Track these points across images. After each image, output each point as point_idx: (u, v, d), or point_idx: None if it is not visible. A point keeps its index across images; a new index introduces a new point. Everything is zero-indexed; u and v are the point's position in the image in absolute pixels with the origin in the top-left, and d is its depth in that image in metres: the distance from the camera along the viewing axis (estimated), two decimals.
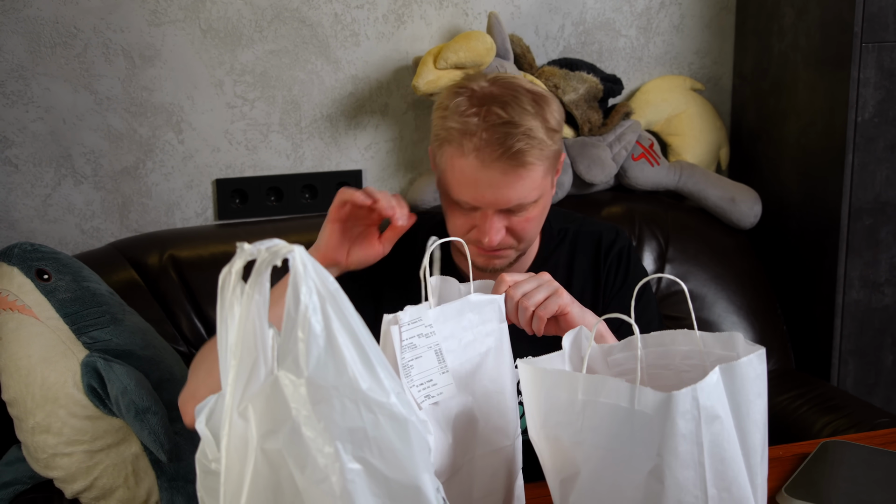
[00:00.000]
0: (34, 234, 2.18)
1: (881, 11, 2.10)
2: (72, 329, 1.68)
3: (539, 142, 1.36)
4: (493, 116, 1.34)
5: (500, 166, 1.34)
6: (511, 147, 1.33)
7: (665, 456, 0.94)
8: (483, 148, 1.34)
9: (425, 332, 1.10)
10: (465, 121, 1.35)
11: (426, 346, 1.10)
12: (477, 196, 1.37)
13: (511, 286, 1.27)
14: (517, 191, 1.37)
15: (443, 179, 1.43)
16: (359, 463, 0.82)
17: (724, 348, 1.10)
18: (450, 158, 1.39)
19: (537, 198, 1.41)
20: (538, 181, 1.39)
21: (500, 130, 1.34)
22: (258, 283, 0.82)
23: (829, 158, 2.23)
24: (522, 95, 1.37)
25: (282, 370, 0.81)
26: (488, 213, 1.39)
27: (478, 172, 1.35)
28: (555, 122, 1.40)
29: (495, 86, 1.39)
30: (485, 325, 1.17)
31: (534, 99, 1.38)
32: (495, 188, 1.36)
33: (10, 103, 2.12)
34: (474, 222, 1.42)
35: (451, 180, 1.40)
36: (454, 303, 1.14)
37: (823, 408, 2.07)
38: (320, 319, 0.81)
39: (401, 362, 1.07)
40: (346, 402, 0.81)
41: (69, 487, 1.68)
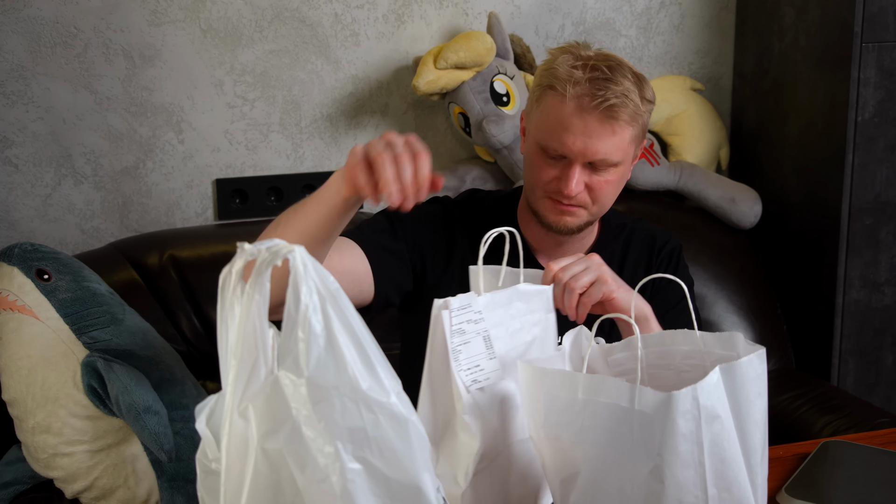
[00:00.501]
0: (34, 234, 2.18)
1: (881, 11, 2.10)
2: (72, 329, 1.68)
3: (634, 105, 1.45)
4: (597, 72, 1.44)
5: (596, 115, 1.43)
6: (608, 100, 1.42)
7: (665, 456, 0.94)
8: (583, 96, 1.43)
9: (474, 319, 1.12)
10: (571, 71, 1.45)
11: (474, 332, 1.12)
12: (568, 141, 1.45)
13: (559, 269, 1.30)
14: (606, 144, 1.45)
15: (536, 127, 1.50)
16: (359, 463, 0.82)
17: (725, 348, 1.10)
18: (550, 104, 1.47)
19: (620, 160, 1.48)
20: (625, 143, 1.47)
21: (602, 84, 1.43)
22: (258, 282, 0.82)
23: (829, 158, 2.23)
24: (625, 66, 1.48)
25: (282, 370, 0.81)
26: (574, 164, 1.46)
27: (574, 118, 1.44)
28: (650, 96, 1.50)
29: (600, 54, 1.50)
30: (532, 315, 1.19)
31: (633, 72, 1.49)
32: (586, 136, 1.44)
33: (11, 103, 2.12)
34: (558, 173, 1.48)
35: (545, 126, 1.47)
36: (504, 291, 1.17)
37: (824, 408, 2.07)
38: (320, 319, 0.81)
39: (450, 346, 1.09)
40: (346, 401, 0.82)
41: (69, 487, 1.68)
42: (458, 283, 1.58)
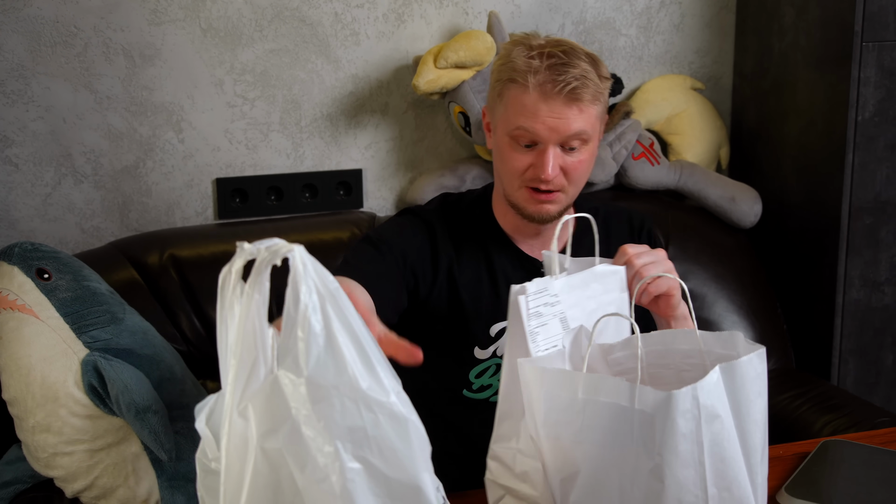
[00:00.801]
0: (34, 233, 2.18)
1: (881, 10, 2.10)
2: (72, 328, 1.68)
3: (594, 84, 1.51)
4: (553, 59, 1.49)
5: (561, 100, 1.49)
6: (569, 83, 1.48)
7: (665, 455, 0.94)
8: (545, 83, 1.48)
9: (550, 301, 1.17)
10: (529, 61, 1.50)
11: (551, 315, 1.16)
12: (538, 126, 1.49)
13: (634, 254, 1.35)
14: (574, 122, 1.50)
15: (503, 118, 1.55)
16: (359, 462, 0.82)
17: (725, 347, 1.10)
18: (513, 96, 1.52)
19: (588, 138, 1.53)
20: (591, 120, 1.52)
21: (561, 69, 1.48)
22: (258, 282, 0.82)
23: (829, 158, 2.23)
24: (577, 49, 1.53)
25: (281, 369, 0.81)
26: (546, 148, 1.51)
27: (539, 103, 1.49)
28: (606, 73, 1.55)
29: (551, 41, 1.55)
30: (608, 294, 1.26)
31: (586, 53, 1.54)
32: (555, 118, 1.49)
33: (11, 102, 2.12)
34: (532, 160, 1.52)
35: (513, 115, 1.52)
36: (579, 274, 1.23)
37: (823, 407, 2.07)
38: (320, 319, 0.81)
39: (527, 329, 1.14)
40: (345, 401, 0.82)
41: (69, 486, 1.68)
42: (448, 290, 1.59)
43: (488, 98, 1.60)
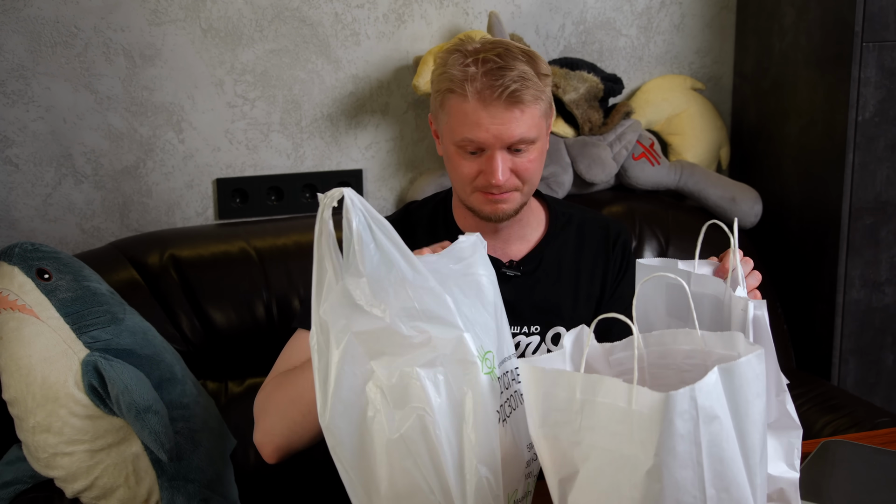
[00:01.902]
0: (35, 233, 2.19)
1: (882, 11, 2.10)
2: (72, 328, 1.68)
3: (533, 83, 1.48)
4: (488, 63, 1.47)
5: (500, 104, 1.46)
6: (508, 87, 1.45)
7: (663, 456, 0.94)
8: (483, 90, 1.46)
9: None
10: (464, 69, 1.48)
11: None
12: (482, 134, 1.48)
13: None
14: (518, 126, 1.48)
15: (447, 129, 1.54)
16: (413, 329, 1.11)
17: (725, 348, 1.10)
18: (454, 106, 1.50)
19: (536, 137, 1.51)
20: (536, 120, 1.50)
21: (497, 73, 1.46)
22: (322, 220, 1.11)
23: (829, 158, 2.23)
24: (512, 48, 1.50)
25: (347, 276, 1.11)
26: (493, 153, 1.49)
27: (480, 112, 1.47)
28: (545, 69, 1.53)
29: (486, 44, 1.52)
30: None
31: (522, 51, 1.51)
32: (499, 125, 1.47)
33: (11, 103, 2.12)
34: (480, 167, 1.51)
35: (456, 125, 1.50)
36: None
37: (824, 407, 2.07)
38: (370, 234, 1.11)
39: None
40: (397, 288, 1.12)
41: (70, 487, 1.68)
42: None
43: (431, 107, 1.58)
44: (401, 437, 1.10)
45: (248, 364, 2.05)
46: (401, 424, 1.10)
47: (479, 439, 1.12)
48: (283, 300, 2.05)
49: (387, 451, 1.11)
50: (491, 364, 1.17)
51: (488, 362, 1.17)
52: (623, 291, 1.67)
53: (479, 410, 1.12)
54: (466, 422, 1.11)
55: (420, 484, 1.11)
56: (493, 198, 1.53)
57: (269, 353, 2.06)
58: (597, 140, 2.37)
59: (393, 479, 1.11)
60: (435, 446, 1.10)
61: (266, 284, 2.05)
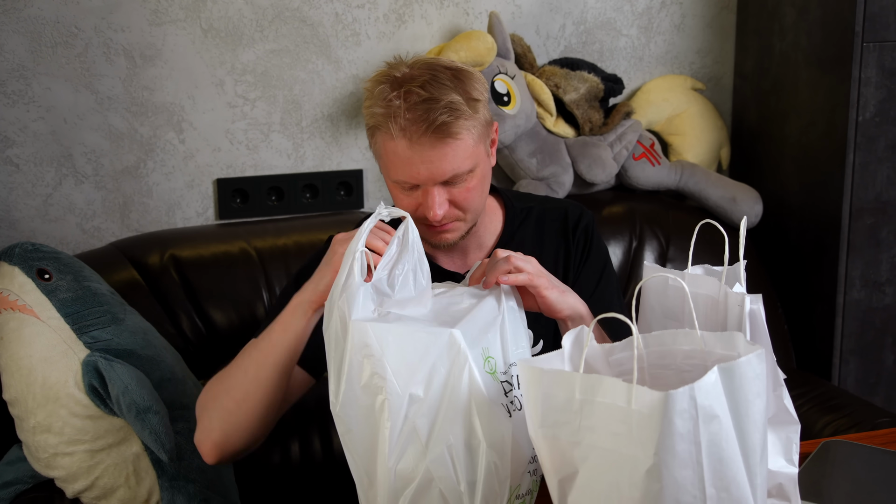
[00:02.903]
0: (35, 233, 2.19)
1: (882, 11, 2.10)
2: (73, 329, 1.68)
3: (462, 112, 1.40)
4: (413, 96, 1.39)
5: (427, 141, 1.39)
6: (435, 121, 1.38)
7: (663, 455, 0.94)
8: (408, 127, 1.39)
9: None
10: (388, 104, 1.40)
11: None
12: (413, 173, 1.42)
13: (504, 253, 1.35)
14: (450, 162, 1.41)
15: (381, 165, 1.49)
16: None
17: (725, 348, 1.10)
18: (382, 144, 1.44)
19: (472, 167, 1.45)
20: (470, 150, 1.43)
21: (422, 107, 1.38)
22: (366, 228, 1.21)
23: (829, 158, 2.23)
24: (440, 73, 1.42)
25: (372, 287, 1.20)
26: (429, 189, 1.43)
27: (408, 151, 1.40)
28: (476, 93, 1.44)
29: (414, 69, 1.44)
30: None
31: (453, 74, 1.43)
32: (428, 163, 1.41)
33: (11, 103, 2.12)
34: (419, 200, 1.46)
35: (387, 164, 1.45)
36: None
37: (824, 407, 2.07)
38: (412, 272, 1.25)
39: None
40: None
41: (70, 487, 1.68)
42: None
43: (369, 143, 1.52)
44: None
45: None
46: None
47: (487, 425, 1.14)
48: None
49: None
50: (493, 367, 1.19)
51: (489, 364, 1.19)
52: (588, 276, 1.64)
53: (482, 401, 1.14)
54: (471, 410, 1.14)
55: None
56: (435, 230, 1.49)
57: None
58: (597, 140, 2.38)
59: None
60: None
61: (266, 284, 2.05)
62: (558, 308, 1.37)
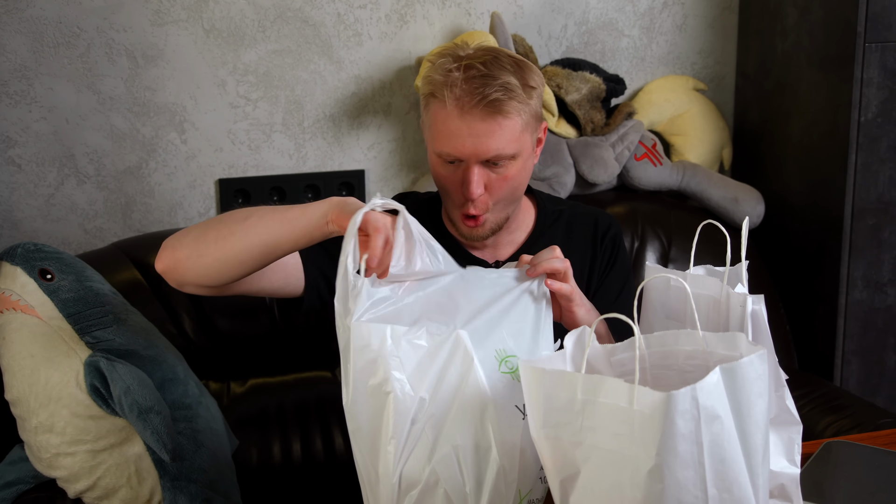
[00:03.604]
0: (37, 233, 2.19)
1: (884, 11, 2.09)
2: (75, 329, 1.68)
3: (516, 94, 1.43)
4: (472, 70, 1.43)
5: (478, 114, 1.42)
6: (488, 96, 1.41)
7: (664, 456, 0.94)
8: (462, 97, 1.42)
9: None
10: (447, 74, 1.44)
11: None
12: (458, 146, 1.44)
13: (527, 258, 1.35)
14: (496, 140, 1.44)
15: (429, 136, 1.51)
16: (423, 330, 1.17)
17: (727, 348, 1.09)
18: (434, 112, 1.47)
19: (515, 153, 1.47)
20: (516, 134, 1.46)
21: (479, 81, 1.42)
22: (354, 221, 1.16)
23: (832, 158, 2.23)
24: (503, 58, 1.46)
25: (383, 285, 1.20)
26: (470, 165, 1.46)
27: (458, 121, 1.43)
28: (533, 82, 1.47)
29: (478, 51, 1.48)
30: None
31: (514, 62, 1.47)
32: (475, 137, 1.43)
33: (14, 103, 2.13)
34: (458, 177, 1.49)
35: (435, 133, 1.48)
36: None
37: (826, 408, 2.07)
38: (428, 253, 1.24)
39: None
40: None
41: (72, 487, 1.68)
42: None
43: (421, 113, 1.55)
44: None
45: (250, 364, 2.05)
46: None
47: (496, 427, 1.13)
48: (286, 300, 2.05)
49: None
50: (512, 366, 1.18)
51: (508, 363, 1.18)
52: (610, 285, 1.66)
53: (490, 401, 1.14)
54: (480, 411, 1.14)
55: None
56: (468, 222, 1.52)
57: (272, 354, 2.07)
58: (599, 140, 2.38)
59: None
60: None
61: None
62: (580, 325, 1.37)
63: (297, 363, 2.07)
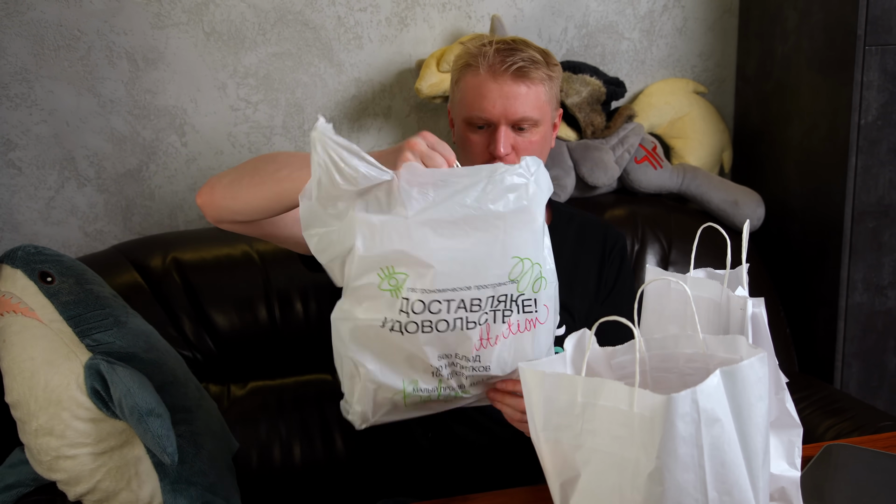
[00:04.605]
0: (38, 236, 2.19)
1: (884, 14, 2.10)
2: (75, 332, 1.68)
3: (541, 66, 1.63)
4: (503, 45, 1.64)
5: (508, 77, 1.61)
6: (516, 63, 1.61)
7: (665, 458, 0.94)
8: (494, 64, 1.61)
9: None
10: (481, 47, 1.65)
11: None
12: (489, 107, 1.61)
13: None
14: (522, 103, 1.61)
15: (460, 106, 1.67)
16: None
17: (727, 351, 1.10)
18: (467, 80, 1.65)
19: (538, 119, 1.64)
20: (541, 101, 1.64)
21: (509, 52, 1.62)
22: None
23: (832, 161, 2.23)
24: (529, 43, 1.67)
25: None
26: (499, 127, 1.62)
27: (489, 83, 1.62)
28: (555, 67, 1.67)
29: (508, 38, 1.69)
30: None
31: (541, 50, 1.67)
32: (504, 98, 1.61)
33: (14, 106, 2.13)
34: (487, 140, 1.64)
35: (467, 99, 1.64)
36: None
37: (827, 411, 2.07)
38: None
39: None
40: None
41: (72, 490, 1.68)
42: None
43: (450, 93, 1.72)
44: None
45: (250, 367, 2.05)
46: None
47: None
48: (286, 303, 2.05)
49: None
50: (396, 284, 1.21)
51: (393, 281, 1.22)
52: (615, 299, 1.77)
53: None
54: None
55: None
56: None
57: (272, 356, 2.07)
58: (599, 143, 2.38)
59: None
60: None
61: (268, 287, 2.05)
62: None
63: (297, 366, 2.08)
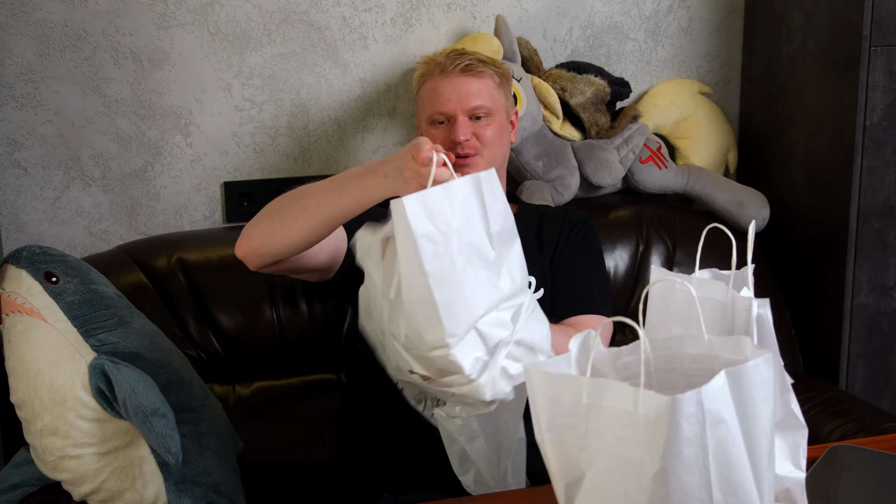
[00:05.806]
0: (43, 236, 2.19)
1: (890, 15, 2.09)
2: (80, 331, 1.68)
3: (489, 64, 1.85)
4: (453, 53, 1.87)
5: (458, 73, 1.83)
6: (464, 62, 1.83)
7: (669, 459, 0.94)
8: (445, 65, 1.84)
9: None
10: (435, 57, 1.88)
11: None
12: (444, 101, 1.82)
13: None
14: (475, 94, 1.82)
15: (421, 109, 1.89)
16: None
17: (733, 352, 1.09)
18: (424, 86, 1.87)
19: (492, 108, 1.83)
20: (492, 93, 1.85)
21: (458, 54, 1.85)
22: None
23: (837, 162, 2.22)
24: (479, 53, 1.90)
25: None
26: (457, 118, 1.81)
27: (443, 82, 1.84)
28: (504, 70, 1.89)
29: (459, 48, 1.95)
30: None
31: (488, 56, 1.91)
32: (457, 91, 1.82)
33: (20, 106, 2.13)
34: (448, 133, 1.81)
35: (426, 101, 1.86)
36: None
37: (832, 412, 2.06)
38: None
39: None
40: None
41: (77, 490, 1.68)
42: None
43: (416, 110, 1.93)
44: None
45: (255, 367, 2.05)
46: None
47: None
48: (291, 303, 2.05)
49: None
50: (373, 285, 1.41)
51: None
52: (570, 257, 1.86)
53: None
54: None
55: None
56: (459, 162, 1.76)
57: (277, 356, 2.07)
58: (604, 143, 2.37)
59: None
60: None
61: (273, 288, 2.05)
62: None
63: (302, 366, 2.08)
